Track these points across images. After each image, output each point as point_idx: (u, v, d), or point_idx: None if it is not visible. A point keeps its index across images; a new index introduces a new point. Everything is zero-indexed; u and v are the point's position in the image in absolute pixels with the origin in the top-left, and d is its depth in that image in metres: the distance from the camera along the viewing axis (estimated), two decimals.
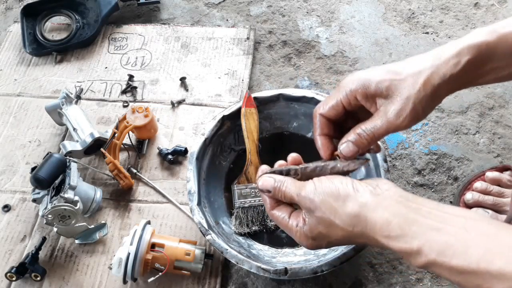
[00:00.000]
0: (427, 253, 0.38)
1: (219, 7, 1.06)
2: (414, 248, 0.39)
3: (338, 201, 0.44)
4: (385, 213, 0.41)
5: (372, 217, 0.41)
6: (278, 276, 0.60)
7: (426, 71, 0.44)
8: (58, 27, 1.04)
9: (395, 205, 0.41)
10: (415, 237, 0.39)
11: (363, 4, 1.05)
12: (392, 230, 0.40)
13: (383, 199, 0.42)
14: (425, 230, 0.39)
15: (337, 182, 0.45)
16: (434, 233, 0.38)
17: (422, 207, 0.41)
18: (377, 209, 0.41)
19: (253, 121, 0.73)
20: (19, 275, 0.68)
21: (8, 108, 0.92)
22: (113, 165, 0.76)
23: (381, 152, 0.68)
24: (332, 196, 0.44)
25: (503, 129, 0.84)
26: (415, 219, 0.40)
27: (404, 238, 0.39)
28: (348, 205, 0.43)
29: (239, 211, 0.72)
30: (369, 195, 0.43)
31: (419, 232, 0.39)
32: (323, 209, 0.44)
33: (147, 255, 0.65)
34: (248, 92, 0.75)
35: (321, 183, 0.46)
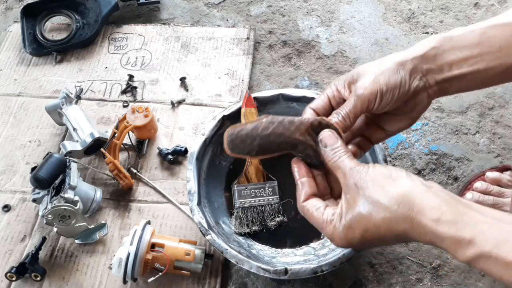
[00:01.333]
0: (480, 244, 0.36)
1: (219, 7, 1.06)
2: (466, 237, 0.36)
3: (388, 179, 0.42)
4: (437, 198, 0.39)
5: (422, 198, 0.40)
6: (278, 276, 0.60)
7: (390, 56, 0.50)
8: (58, 27, 1.04)
9: (446, 195, 0.40)
10: (468, 226, 0.37)
11: (363, 4, 1.05)
12: (443, 214, 0.38)
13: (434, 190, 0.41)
14: (477, 222, 0.37)
15: (391, 168, 0.44)
16: (488, 226, 0.36)
17: (472, 204, 0.39)
18: (427, 194, 0.40)
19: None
20: (19, 275, 0.68)
21: (8, 108, 0.92)
22: (113, 165, 0.76)
23: (381, 152, 0.68)
24: (383, 175, 0.43)
25: (503, 129, 0.84)
26: (466, 211, 0.38)
27: (455, 225, 0.37)
28: (398, 183, 0.42)
29: (239, 211, 0.72)
30: (420, 182, 0.42)
31: (472, 223, 0.37)
32: (370, 186, 0.43)
33: (147, 255, 0.65)
34: (248, 92, 0.75)
35: (374, 167, 0.45)
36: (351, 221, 0.44)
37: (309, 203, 0.48)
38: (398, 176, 0.42)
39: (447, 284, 0.70)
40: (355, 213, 0.43)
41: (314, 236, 0.71)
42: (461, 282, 0.70)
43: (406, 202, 0.40)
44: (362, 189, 0.43)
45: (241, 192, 0.72)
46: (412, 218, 0.40)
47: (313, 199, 0.48)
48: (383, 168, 0.44)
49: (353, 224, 0.44)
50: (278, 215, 0.72)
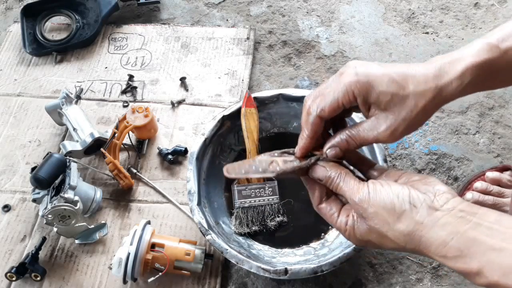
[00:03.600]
0: (488, 275, 0.36)
1: (219, 7, 1.06)
2: (474, 269, 0.37)
3: (392, 216, 0.41)
4: (442, 232, 0.39)
5: (428, 237, 0.39)
6: (278, 276, 0.60)
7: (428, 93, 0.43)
8: (58, 27, 1.04)
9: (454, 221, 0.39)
10: (475, 258, 0.37)
11: (363, 4, 1.05)
12: (449, 251, 0.38)
13: (441, 215, 0.40)
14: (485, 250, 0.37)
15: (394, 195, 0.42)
16: (496, 254, 0.36)
17: (483, 222, 0.38)
18: (433, 228, 0.39)
19: (253, 121, 0.73)
20: (19, 275, 0.68)
21: (8, 108, 0.92)
22: (113, 165, 0.76)
23: (381, 152, 0.68)
24: (386, 210, 0.42)
25: (503, 129, 0.84)
26: (474, 238, 0.37)
27: (462, 259, 0.38)
28: (402, 222, 0.41)
29: (239, 211, 0.72)
30: (426, 211, 0.40)
31: (479, 253, 0.37)
32: (375, 221, 0.42)
33: (147, 255, 0.65)
34: (248, 92, 0.75)
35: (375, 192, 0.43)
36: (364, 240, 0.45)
37: (323, 208, 0.48)
38: (402, 210, 0.41)
39: (447, 284, 0.70)
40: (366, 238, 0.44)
41: (314, 236, 0.71)
42: (461, 282, 0.70)
43: (412, 241, 0.41)
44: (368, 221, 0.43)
45: (241, 192, 0.72)
46: (422, 252, 0.41)
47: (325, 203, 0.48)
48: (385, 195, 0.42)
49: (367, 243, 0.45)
50: (278, 215, 0.72)
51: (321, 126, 0.47)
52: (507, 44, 0.43)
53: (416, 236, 0.40)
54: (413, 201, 0.41)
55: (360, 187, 0.44)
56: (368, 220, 0.43)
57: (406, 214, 0.41)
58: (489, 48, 0.43)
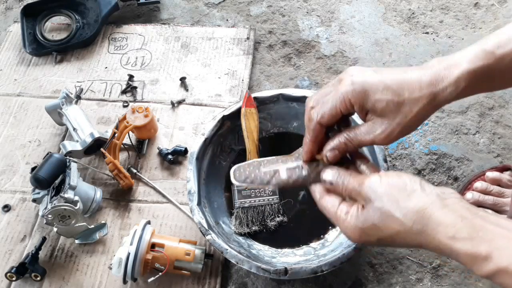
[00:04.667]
0: (497, 260, 0.36)
1: (219, 7, 1.06)
2: (483, 253, 0.36)
3: (402, 193, 0.42)
4: (452, 214, 0.39)
5: (437, 216, 0.39)
6: (278, 276, 0.60)
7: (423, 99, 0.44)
8: (58, 27, 1.04)
9: (462, 209, 0.39)
10: (484, 242, 0.37)
11: (363, 4, 1.05)
12: (458, 232, 0.38)
13: (450, 202, 0.40)
14: (495, 236, 0.37)
15: (405, 177, 0.43)
16: (506, 240, 0.36)
17: (489, 216, 0.39)
18: (443, 210, 0.40)
19: (253, 121, 0.73)
20: (19, 275, 0.68)
21: (8, 108, 0.92)
22: (113, 165, 0.76)
23: (381, 152, 0.68)
24: (397, 188, 0.42)
25: (503, 129, 0.84)
26: (483, 225, 0.38)
27: (471, 242, 0.37)
28: (412, 199, 0.41)
29: (239, 211, 0.72)
30: (436, 196, 0.41)
31: (488, 238, 0.37)
32: (384, 200, 0.42)
33: (147, 255, 0.65)
34: (248, 92, 0.75)
35: (387, 176, 0.44)
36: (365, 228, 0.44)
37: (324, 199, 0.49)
38: (413, 189, 0.42)
39: (447, 284, 0.70)
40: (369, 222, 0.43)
41: (314, 236, 0.71)
42: (461, 282, 0.70)
43: (421, 219, 0.40)
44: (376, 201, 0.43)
45: (241, 192, 0.72)
46: (427, 235, 0.40)
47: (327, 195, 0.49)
48: (397, 178, 0.43)
49: (367, 231, 0.44)
50: (278, 215, 0.72)
51: (322, 131, 0.49)
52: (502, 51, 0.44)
53: (425, 214, 0.40)
54: (423, 185, 0.42)
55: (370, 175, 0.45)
56: (376, 201, 0.43)
57: (418, 193, 0.41)
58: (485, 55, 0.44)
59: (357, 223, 0.44)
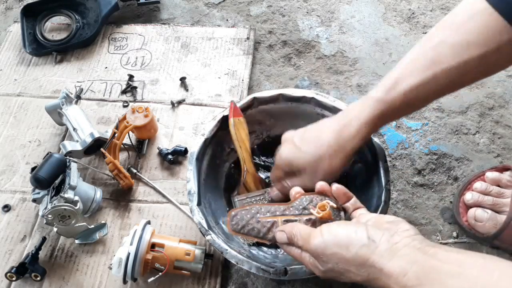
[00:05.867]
0: None
1: (219, 7, 1.06)
2: None
3: (350, 252, 0.43)
4: (401, 262, 0.40)
5: (388, 267, 0.41)
6: (278, 277, 0.60)
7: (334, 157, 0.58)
8: (58, 27, 1.04)
9: (412, 252, 0.41)
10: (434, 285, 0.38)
11: (363, 4, 1.05)
12: (409, 280, 0.39)
13: (400, 246, 0.41)
14: (443, 277, 0.38)
15: (351, 231, 0.44)
16: (454, 279, 0.37)
17: (439, 252, 0.40)
18: (392, 259, 0.41)
19: (243, 129, 0.72)
20: (19, 275, 0.68)
21: (8, 108, 0.92)
22: (113, 165, 0.76)
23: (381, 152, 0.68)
24: (344, 247, 0.44)
25: (503, 129, 0.84)
26: (432, 266, 0.39)
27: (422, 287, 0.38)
28: (362, 256, 0.42)
29: None
30: (385, 245, 0.42)
31: (437, 279, 0.38)
32: (335, 261, 0.44)
33: (147, 255, 0.65)
34: (234, 102, 0.73)
35: (330, 232, 0.45)
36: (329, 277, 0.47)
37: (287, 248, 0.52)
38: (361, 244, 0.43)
39: None
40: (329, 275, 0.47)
41: None
42: None
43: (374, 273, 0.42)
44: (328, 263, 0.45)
45: (242, 203, 0.71)
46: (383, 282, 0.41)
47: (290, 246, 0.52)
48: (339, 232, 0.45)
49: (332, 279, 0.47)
50: None
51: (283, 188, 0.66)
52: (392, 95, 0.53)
53: (376, 268, 0.41)
54: (372, 236, 0.43)
55: (313, 233, 0.47)
56: (328, 262, 0.45)
57: (365, 247, 0.42)
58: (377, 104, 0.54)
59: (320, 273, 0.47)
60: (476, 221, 0.70)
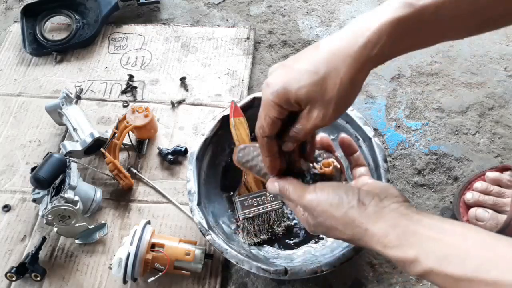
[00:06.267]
0: (423, 262, 0.39)
1: (219, 7, 1.06)
2: (411, 257, 0.40)
3: (339, 211, 0.45)
4: (385, 225, 0.42)
5: (372, 228, 0.43)
6: (278, 276, 0.60)
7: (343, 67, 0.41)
8: (58, 27, 1.04)
9: (397, 217, 0.43)
10: (412, 247, 0.40)
11: (363, 4, 1.05)
12: (390, 241, 0.41)
13: (387, 211, 0.43)
14: (423, 240, 0.40)
15: (342, 192, 0.46)
16: (432, 243, 0.39)
17: (424, 218, 0.42)
18: (378, 221, 0.43)
19: (244, 130, 0.72)
20: (19, 275, 0.68)
21: (8, 108, 0.92)
22: (113, 165, 0.76)
23: (381, 152, 0.68)
24: (334, 206, 0.46)
25: (503, 129, 0.84)
26: (414, 230, 0.41)
27: (401, 248, 0.41)
28: (349, 216, 0.45)
29: (245, 222, 0.71)
30: (373, 208, 0.44)
31: (416, 242, 0.40)
32: (324, 217, 0.46)
33: (147, 255, 0.65)
34: (234, 102, 0.74)
35: (323, 191, 0.47)
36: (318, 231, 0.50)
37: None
38: (350, 206, 0.45)
39: None
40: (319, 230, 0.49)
41: (314, 236, 0.71)
42: None
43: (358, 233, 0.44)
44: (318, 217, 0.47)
45: (243, 203, 0.71)
46: (366, 242, 0.44)
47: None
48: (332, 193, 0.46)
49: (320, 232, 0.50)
50: (284, 219, 0.72)
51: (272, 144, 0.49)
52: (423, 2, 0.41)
53: (362, 228, 0.44)
54: (362, 198, 0.45)
55: (307, 190, 0.48)
56: (318, 217, 0.47)
57: (354, 209, 0.45)
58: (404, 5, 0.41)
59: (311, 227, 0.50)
60: (477, 221, 0.70)
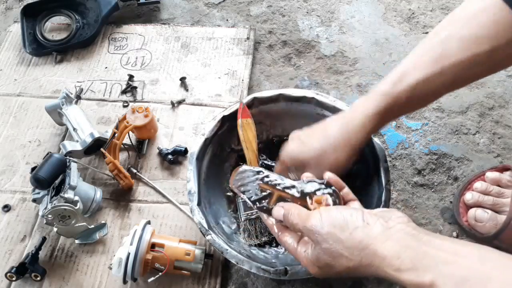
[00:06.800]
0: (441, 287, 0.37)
1: (219, 7, 1.06)
2: (427, 282, 0.38)
3: (345, 232, 0.43)
4: (395, 245, 0.40)
5: (381, 249, 0.41)
6: (278, 276, 0.60)
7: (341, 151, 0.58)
8: (58, 27, 1.04)
9: (406, 237, 0.41)
10: (428, 270, 0.38)
11: (363, 4, 1.05)
12: (403, 263, 0.39)
13: (394, 231, 0.42)
14: (437, 263, 0.38)
15: (346, 213, 0.45)
16: (448, 266, 0.37)
17: (433, 239, 0.40)
18: (387, 241, 0.41)
19: (251, 131, 0.72)
20: (19, 275, 0.68)
21: (8, 108, 0.92)
22: (113, 165, 0.76)
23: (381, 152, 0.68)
24: (339, 227, 0.44)
25: (503, 129, 0.84)
26: (426, 252, 0.39)
27: (415, 272, 0.38)
28: (356, 237, 0.43)
29: (247, 223, 0.70)
30: (380, 228, 0.42)
31: (431, 265, 0.38)
32: (329, 241, 0.44)
33: (147, 255, 0.65)
34: (243, 102, 0.74)
35: (328, 213, 0.46)
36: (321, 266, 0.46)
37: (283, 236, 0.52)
38: (355, 226, 0.43)
39: None
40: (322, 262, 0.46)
41: None
42: None
43: (367, 256, 0.42)
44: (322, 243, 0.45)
45: (245, 204, 0.71)
46: (376, 267, 0.41)
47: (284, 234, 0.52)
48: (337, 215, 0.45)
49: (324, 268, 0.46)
50: None
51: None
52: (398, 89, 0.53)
53: (370, 250, 0.41)
54: (367, 219, 0.43)
55: (311, 214, 0.47)
56: (322, 243, 0.44)
57: (359, 229, 0.43)
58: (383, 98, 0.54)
59: (313, 262, 0.47)
60: (476, 221, 0.70)
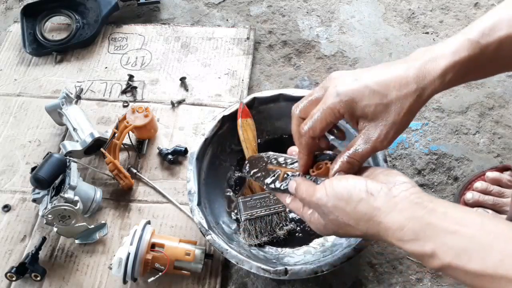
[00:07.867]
0: (441, 257, 0.38)
1: (219, 7, 1.06)
2: (428, 251, 0.38)
3: (350, 205, 0.44)
4: (399, 216, 0.40)
5: (386, 221, 0.41)
6: (278, 276, 0.60)
7: (411, 95, 0.44)
8: (58, 27, 1.04)
9: (410, 207, 0.41)
10: (429, 240, 0.38)
11: (363, 4, 1.05)
12: (406, 234, 0.40)
13: (399, 200, 0.41)
14: (439, 233, 0.38)
15: (350, 185, 0.44)
16: (450, 236, 0.38)
17: (438, 208, 0.40)
18: (391, 213, 0.41)
19: (251, 131, 0.73)
20: (19, 275, 0.68)
21: (8, 108, 0.92)
22: (113, 165, 0.76)
23: (381, 152, 0.68)
24: (344, 200, 0.44)
25: (503, 129, 0.84)
26: (429, 222, 0.39)
27: (418, 242, 0.39)
28: (360, 210, 0.43)
29: (247, 223, 0.70)
30: (384, 198, 0.42)
31: (433, 236, 0.38)
32: (335, 213, 0.45)
33: (147, 255, 0.65)
34: (243, 102, 0.74)
35: (332, 187, 0.45)
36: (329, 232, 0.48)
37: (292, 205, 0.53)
38: (359, 198, 0.43)
39: (447, 284, 0.70)
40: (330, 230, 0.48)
41: (314, 236, 0.71)
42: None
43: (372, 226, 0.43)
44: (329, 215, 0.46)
45: (246, 204, 0.71)
46: (381, 236, 0.42)
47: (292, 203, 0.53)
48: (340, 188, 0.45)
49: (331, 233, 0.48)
50: (286, 223, 0.71)
51: (314, 144, 0.50)
52: (487, 39, 0.44)
53: (375, 221, 0.42)
54: (370, 190, 0.43)
55: (316, 187, 0.47)
56: (329, 215, 0.46)
57: (364, 201, 0.43)
58: (470, 45, 0.44)
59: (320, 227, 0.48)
60: None
